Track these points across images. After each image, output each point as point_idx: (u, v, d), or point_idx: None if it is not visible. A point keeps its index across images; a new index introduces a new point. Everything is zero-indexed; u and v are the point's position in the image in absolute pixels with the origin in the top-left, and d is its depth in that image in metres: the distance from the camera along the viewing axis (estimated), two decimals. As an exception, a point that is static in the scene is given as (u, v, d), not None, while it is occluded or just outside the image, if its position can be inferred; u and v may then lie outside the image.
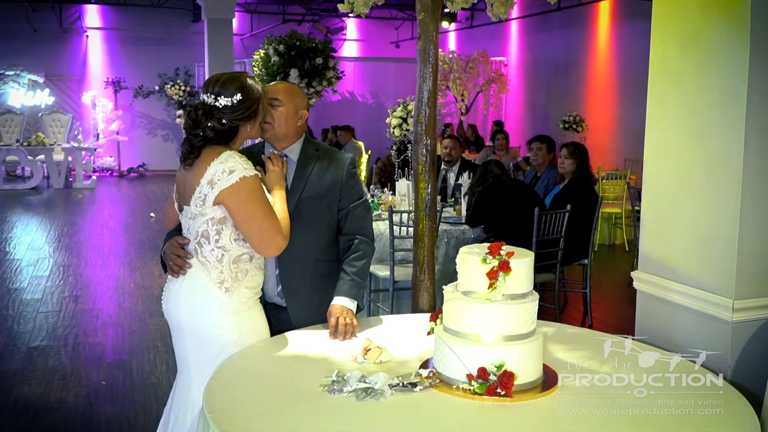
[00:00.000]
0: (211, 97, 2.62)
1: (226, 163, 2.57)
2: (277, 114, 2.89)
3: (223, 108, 2.62)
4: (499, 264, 2.23)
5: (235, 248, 2.64)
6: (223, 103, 2.61)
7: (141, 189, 15.50)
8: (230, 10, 12.66)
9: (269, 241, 2.62)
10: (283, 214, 2.72)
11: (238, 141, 2.71)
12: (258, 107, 2.70)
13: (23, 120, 16.21)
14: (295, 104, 2.94)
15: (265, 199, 2.63)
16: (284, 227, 2.67)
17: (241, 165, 2.57)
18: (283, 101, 2.91)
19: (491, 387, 2.17)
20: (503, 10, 3.52)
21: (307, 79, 9.77)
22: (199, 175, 2.59)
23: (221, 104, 2.61)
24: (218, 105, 2.61)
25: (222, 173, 2.55)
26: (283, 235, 2.65)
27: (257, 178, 2.62)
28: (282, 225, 2.66)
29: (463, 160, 7.25)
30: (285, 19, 17.51)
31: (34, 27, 16.70)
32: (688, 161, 2.87)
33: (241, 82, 2.66)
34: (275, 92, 2.92)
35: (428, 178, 3.34)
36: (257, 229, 2.59)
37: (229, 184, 2.55)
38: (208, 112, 2.62)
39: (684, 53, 2.87)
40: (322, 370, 2.38)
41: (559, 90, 14.04)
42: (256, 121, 2.72)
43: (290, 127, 2.94)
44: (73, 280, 7.58)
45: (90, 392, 4.62)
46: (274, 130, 2.90)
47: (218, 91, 2.62)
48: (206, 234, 2.62)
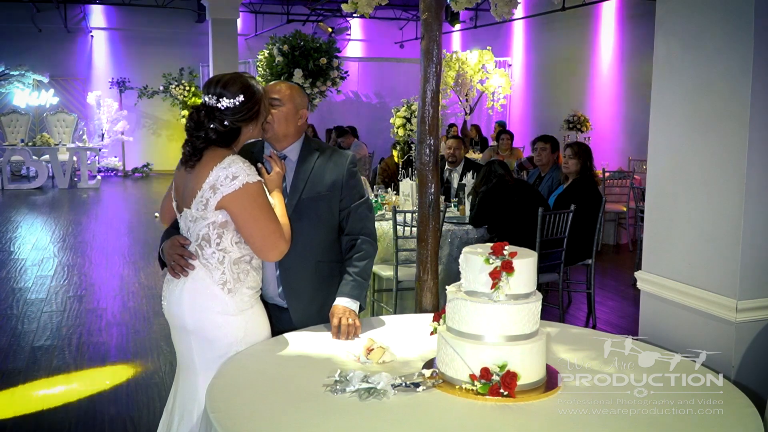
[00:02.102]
0: (213, 99, 2.60)
1: (230, 168, 2.55)
2: (278, 114, 2.87)
3: (226, 109, 2.60)
4: (502, 264, 2.23)
5: (236, 251, 2.64)
6: (225, 104, 2.59)
7: (145, 189, 15.53)
8: (235, 10, 12.67)
9: (272, 246, 2.61)
10: (284, 218, 2.72)
11: (240, 142, 2.70)
12: (260, 108, 2.69)
13: (28, 120, 16.25)
14: (296, 104, 2.92)
15: (267, 204, 2.62)
16: (285, 232, 2.67)
17: (244, 171, 2.56)
18: (283, 101, 2.89)
19: (494, 387, 2.16)
20: (507, 10, 3.52)
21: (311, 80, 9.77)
22: (201, 179, 2.57)
23: (224, 105, 2.59)
24: (220, 106, 2.59)
25: (225, 179, 2.54)
26: (285, 240, 2.65)
27: (260, 184, 2.61)
28: (284, 229, 2.66)
29: (467, 160, 7.25)
30: (289, 19, 17.53)
31: (38, 27, 16.74)
32: (691, 161, 2.86)
33: (242, 83, 2.64)
34: (275, 92, 2.90)
35: (432, 177, 3.34)
36: (259, 234, 2.59)
37: (232, 190, 2.54)
38: (210, 113, 2.60)
39: (687, 52, 2.86)
40: (324, 370, 2.38)
41: (563, 90, 14.02)
42: (258, 122, 2.71)
43: (290, 127, 2.92)
44: (78, 280, 7.60)
45: (94, 392, 4.62)
46: (274, 130, 2.88)
47: (220, 92, 2.60)
48: (207, 237, 2.62)
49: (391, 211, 5.31)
